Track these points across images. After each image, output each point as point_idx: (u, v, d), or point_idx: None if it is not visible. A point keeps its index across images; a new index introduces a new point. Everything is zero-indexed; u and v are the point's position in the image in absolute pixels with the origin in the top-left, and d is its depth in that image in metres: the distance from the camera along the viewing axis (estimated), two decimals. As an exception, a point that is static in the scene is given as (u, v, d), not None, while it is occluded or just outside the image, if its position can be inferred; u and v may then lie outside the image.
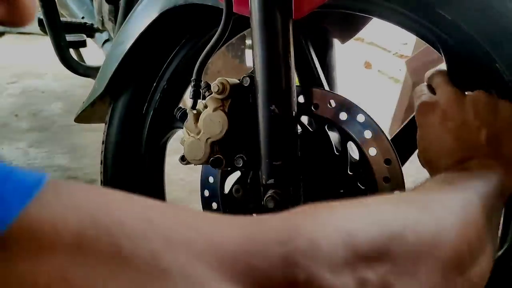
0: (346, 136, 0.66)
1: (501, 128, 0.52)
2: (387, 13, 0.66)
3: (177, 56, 0.82)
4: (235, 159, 0.68)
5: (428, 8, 0.61)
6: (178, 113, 0.71)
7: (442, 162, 0.53)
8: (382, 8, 0.65)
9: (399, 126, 1.96)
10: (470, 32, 0.59)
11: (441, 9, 0.60)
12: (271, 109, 0.64)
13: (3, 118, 2.07)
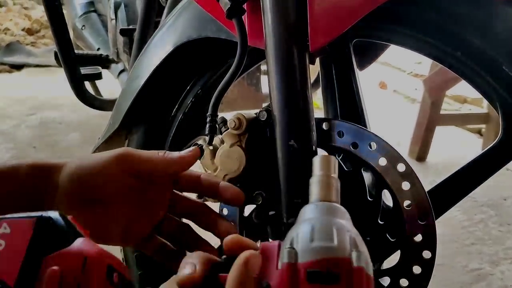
0: (383, 183, 0.62)
1: None
2: (454, 63, 0.64)
3: (192, 90, 0.81)
4: (254, 196, 0.66)
5: (494, 64, 0.59)
6: (194, 150, 0.69)
7: None
8: (449, 57, 0.63)
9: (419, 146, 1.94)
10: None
11: (508, 68, 0.58)
12: (290, 144, 0.61)
13: (22, 150, 2.09)
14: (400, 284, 0.62)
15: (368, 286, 0.31)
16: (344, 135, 0.64)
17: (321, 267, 0.31)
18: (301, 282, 0.31)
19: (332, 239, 0.32)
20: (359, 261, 0.31)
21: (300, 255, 0.32)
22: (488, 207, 1.67)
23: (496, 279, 1.30)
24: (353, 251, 0.32)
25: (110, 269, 0.37)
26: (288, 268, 0.31)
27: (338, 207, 0.37)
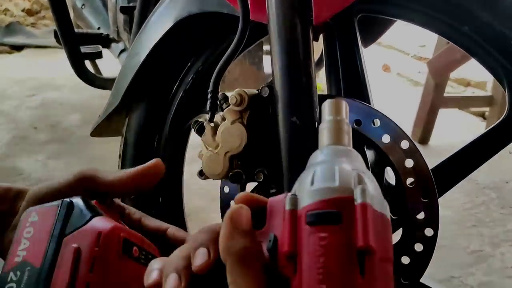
0: (386, 160, 0.61)
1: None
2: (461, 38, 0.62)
3: (193, 66, 0.80)
4: (256, 173, 0.65)
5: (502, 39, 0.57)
6: (195, 126, 0.69)
7: None
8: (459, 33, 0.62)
9: (422, 129, 1.93)
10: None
11: None
12: (292, 121, 0.60)
13: (22, 131, 2.09)
14: (402, 262, 0.62)
15: (378, 223, 0.28)
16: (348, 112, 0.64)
17: (321, 208, 0.29)
18: (302, 226, 0.29)
19: (333, 180, 0.30)
20: (364, 197, 0.28)
21: (301, 201, 0.30)
22: (490, 190, 1.67)
23: (496, 261, 1.30)
24: (356, 188, 0.29)
25: (127, 242, 0.38)
26: (289, 215, 0.30)
27: (348, 149, 0.33)
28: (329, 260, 0.27)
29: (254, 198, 0.34)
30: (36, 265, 0.35)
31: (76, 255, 0.35)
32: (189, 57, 0.80)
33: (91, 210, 0.38)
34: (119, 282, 0.37)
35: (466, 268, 1.28)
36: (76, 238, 0.36)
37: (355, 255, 0.27)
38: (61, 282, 0.34)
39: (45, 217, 0.38)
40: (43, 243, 0.36)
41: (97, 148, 1.91)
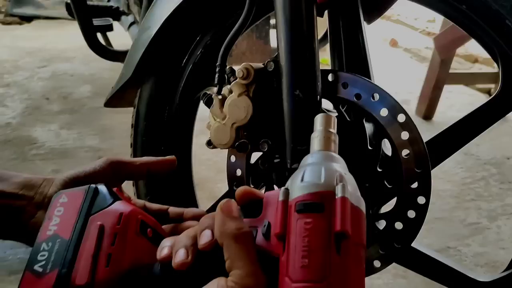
0: (383, 133, 0.65)
1: None
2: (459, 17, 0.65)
3: (202, 40, 0.83)
4: (261, 143, 0.69)
5: (497, 18, 0.60)
6: (204, 98, 0.72)
7: None
8: (457, 12, 0.64)
9: (426, 105, 1.94)
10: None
11: (511, 23, 0.59)
12: (295, 94, 0.64)
13: (35, 101, 2.14)
14: (395, 227, 0.66)
15: (354, 215, 0.35)
16: (348, 86, 0.67)
17: (308, 199, 0.35)
18: (292, 213, 0.36)
19: (320, 178, 0.37)
20: (343, 192, 0.35)
21: (292, 193, 0.37)
22: (491, 166, 1.70)
23: (492, 233, 1.35)
24: (338, 185, 0.36)
25: (143, 224, 0.45)
26: (282, 204, 0.37)
27: (334, 155, 0.41)
28: (312, 240, 0.34)
29: (253, 191, 0.42)
30: (66, 238, 0.41)
31: (100, 231, 0.41)
32: (198, 31, 0.83)
33: (113, 195, 0.45)
34: (135, 255, 0.42)
35: (462, 239, 1.32)
36: (100, 217, 0.43)
37: (333, 238, 0.34)
38: (87, 252, 0.40)
39: (74, 199, 0.44)
40: (71, 220, 0.42)
41: (107, 119, 1.96)
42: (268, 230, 0.38)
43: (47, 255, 0.41)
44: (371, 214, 0.69)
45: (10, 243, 1.27)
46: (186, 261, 0.39)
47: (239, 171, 0.77)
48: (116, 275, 0.40)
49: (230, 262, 0.37)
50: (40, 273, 0.40)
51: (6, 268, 1.20)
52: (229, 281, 0.36)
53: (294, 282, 0.33)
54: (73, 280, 0.39)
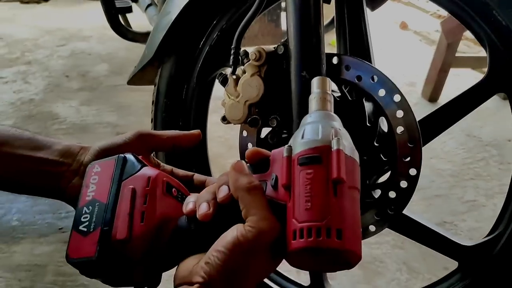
0: (380, 111, 0.72)
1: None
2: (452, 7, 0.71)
3: (218, 24, 0.90)
4: (270, 119, 0.76)
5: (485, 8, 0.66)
6: (220, 78, 0.80)
7: None
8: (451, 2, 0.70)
9: (432, 87, 1.99)
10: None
11: (497, 13, 0.65)
12: (302, 75, 0.71)
13: (56, 79, 2.22)
14: (389, 196, 0.74)
15: (349, 164, 0.41)
16: (350, 69, 0.74)
17: (308, 153, 0.41)
18: (295, 166, 0.42)
19: (317, 134, 0.43)
20: (338, 145, 0.41)
21: (294, 149, 0.43)
22: (492, 147, 1.75)
23: (488, 210, 1.42)
24: (333, 139, 0.42)
25: (169, 185, 0.50)
26: (286, 159, 0.43)
27: (330, 113, 0.46)
28: (313, 187, 0.40)
29: (260, 151, 0.48)
30: (103, 201, 0.47)
31: (133, 193, 0.47)
32: (215, 15, 0.90)
33: (140, 162, 0.51)
34: (164, 212, 0.48)
35: (458, 215, 1.40)
36: (132, 181, 0.48)
37: (331, 184, 0.40)
38: (123, 211, 0.46)
39: (106, 168, 0.50)
40: (106, 186, 0.48)
41: (124, 97, 2.05)
42: (276, 182, 0.44)
43: (89, 217, 0.46)
44: (368, 184, 0.77)
45: (39, 209, 1.37)
46: (208, 212, 0.45)
47: (250, 144, 0.85)
48: (150, 229, 0.46)
49: (246, 210, 0.43)
50: (85, 232, 0.46)
51: (36, 231, 1.30)
52: (246, 226, 0.42)
53: (300, 223, 0.40)
54: (113, 236, 0.45)
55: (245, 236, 0.41)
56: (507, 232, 0.73)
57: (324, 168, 0.41)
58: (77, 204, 0.48)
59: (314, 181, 0.40)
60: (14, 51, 2.52)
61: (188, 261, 0.45)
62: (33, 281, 1.14)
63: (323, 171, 0.40)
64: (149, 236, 0.46)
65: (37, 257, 1.21)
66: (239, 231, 0.42)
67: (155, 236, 0.46)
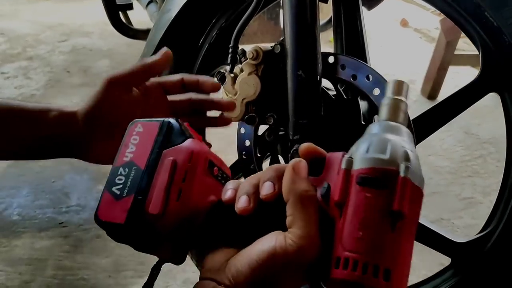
0: (375, 109, 0.73)
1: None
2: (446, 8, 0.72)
3: (217, 23, 0.91)
4: (267, 117, 0.77)
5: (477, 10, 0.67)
6: (218, 76, 0.81)
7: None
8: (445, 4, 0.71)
9: (431, 85, 2.00)
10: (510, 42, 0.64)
11: (489, 14, 0.66)
12: (298, 74, 0.72)
13: (57, 74, 2.23)
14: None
15: (414, 196, 0.36)
16: (346, 68, 0.75)
17: (371, 174, 0.36)
18: (353, 184, 0.36)
19: (385, 153, 0.36)
20: (406, 172, 0.35)
21: (356, 163, 0.37)
22: (490, 144, 1.76)
23: (485, 207, 1.43)
24: (402, 163, 0.36)
25: (211, 163, 0.47)
26: (344, 173, 0.37)
27: (401, 127, 0.40)
28: (369, 215, 0.35)
29: (316, 149, 0.43)
30: (141, 167, 0.44)
31: (173, 166, 0.43)
32: (214, 14, 0.91)
33: (186, 132, 0.47)
34: (202, 192, 0.45)
35: (455, 212, 1.41)
36: (174, 152, 0.44)
37: (389, 215, 0.35)
38: (160, 184, 0.42)
39: (149, 130, 0.46)
40: (146, 150, 0.45)
41: (125, 93, 2.05)
42: (327, 192, 0.39)
43: (124, 179, 0.43)
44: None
45: (39, 203, 1.39)
46: (248, 207, 0.41)
47: (248, 141, 0.86)
48: (184, 209, 0.43)
49: (292, 219, 0.38)
50: (117, 195, 0.43)
51: (36, 225, 1.31)
52: (288, 238, 0.37)
53: (346, 251, 0.35)
54: (146, 207, 0.42)
55: (284, 249, 0.37)
56: (499, 229, 0.74)
57: (386, 195, 0.35)
58: (114, 162, 0.45)
59: (371, 207, 0.35)
60: (16, 47, 2.53)
61: (218, 253, 0.42)
62: (33, 275, 1.15)
63: (384, 198, 0.35)
64: (183, 215, 0.43)
65: (38, 251, 1.23)
66: (279, 242, 0.37)
67: (188, 216, 0.43)
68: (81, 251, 1.23)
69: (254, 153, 0.85)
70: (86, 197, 1.41)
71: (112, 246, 1.23)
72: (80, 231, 1.30)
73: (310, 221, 0.38)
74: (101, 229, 0.44)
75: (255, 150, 0.86)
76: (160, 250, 0.44)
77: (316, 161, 0.42)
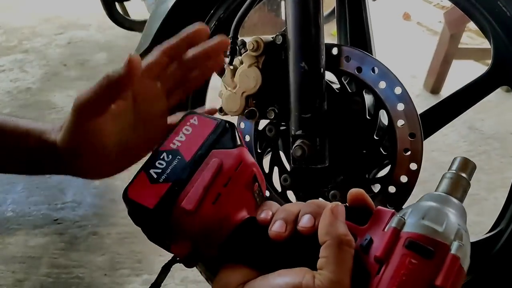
0: (381, 104, 0.70)
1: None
2: None
3: (215, 13, 0.88)
4: (268, 111, 0.75)
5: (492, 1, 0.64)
6: (217, 69, 0.78)
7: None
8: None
9: (434, 79, 1.97)
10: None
11: (502, 4, 0.63)
12: (301, 66, 0.70)
13: (54, 68, 2.20)
14: (388, 190, 0.72)
15: (458, 277, 0.35)
16: (350, 60, 0.72)
17: (422, 241, 0.35)
18: (399, 245, 0.35)
19: (441, 225, 0.36)
20: (458, 251, 0.35)
21: (407, 226, 0.36)
22: (494, 140, 1.73)
23: (489, 204, 1.40)
24: (455, 241, 0.35)
25: (255, 178, 0.45)
26: (393, 232, 0.36)
27: (459, 204, 0.40)
28: (409, 281, 0.34)
29: (366, 198, 0.41)
30: (186, 158, 0.43)
31: (218, 167, 0.42)
32: (212, 4, 0.88)
33: (238, 139, 0.45)
34: (238, 203, 0.43)
35: (459, 209, 1.38)
36: (222, 155, 0.43)
37: (429, 287, 0.34)
38: (201, 181, 0.41)
39: (204, 125, 0.45)
40: (196, 144, 0.44)
41: (123, 87, 2.02)
42: (368, 245, 0.38)
43: (164, 165, 0.42)
44: (368, 178, 0.76)
45: (34, 200, 1.37)
46: (283, 234, 0.39)
47: (248, 137, 0.83)
48: (217, 214, 0.41)
49: (325, 262, 0.36)
50: (154, 179, 0.42)
51: (30, 222, 1.29)
52: (317, 280, 0.35)
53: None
54: (180, 200, 0.40)
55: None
56: (509, 229, 0.72)
57: (432, 267, 0.34)
58: (159, 145, 0.44)
59: (414, 275, 0.34)
60: (11, 39, 2.49)
61: (236, 272, 0.40)
62: (27, 273, 1.13)
63: (429, 269, 0.34)
64: (213, 220, 0.41)
65: (32, 248, 1.20)
66: (306, 280, 0.35)
67: (218, 222, 0.41)
68: (77, 248, 1.20)
69: (254, 149, 0.83)
70: (82, 193, 1.38)
71: (109, 244, 1.20)
72: (75, 228, 1.27)
73: (344, 267, 0.36)
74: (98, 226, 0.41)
75: (255, 146, 0.83)
76: (175, 247, 0.42)
77: (363, 210, 0.40)
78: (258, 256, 0.40)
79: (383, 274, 0.35)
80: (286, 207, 0.42)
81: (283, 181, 0.80)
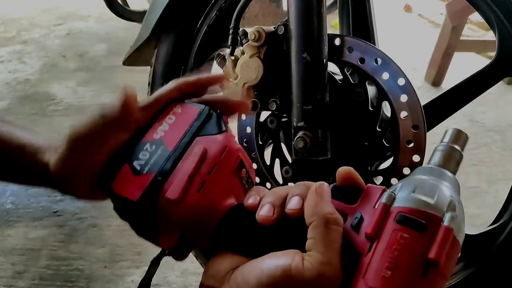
0: (384, 95, 0.69)
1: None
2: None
3: (216, 3, 0.87)
4: (269, 103, 0.74)
5: None
6: (218, 59, 0.77)
7: None
8: None
9: (436, 71, 1.95)
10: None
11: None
12: (303, 57, 0.69)
13: (52, 59, 2.19)
14: (391, 183, 0.72)
15: (452, 249, 0.33)
16: (353, 51, 0.71)
17: (413, 214, 0.34)
18: (389, 221, 0.34)
19: (432, 197, 0.35)
20: (451, 223, 0.33)
21: (398, 200, 0.35)
22: (495, 133, 1.72)
23: (490, 197, 1.40)
24: (448, 212, 0.34)
25: (241, 164, 0.43)
26: (383, 208, 0.35)
27: (452, 176, 0.39)
28: (402, 256, 0.33)
29: (356, 176, 0.40)
30: (169, 148, 0.41)
31: (203, 155, 0.41)
32: (214, -6, 0.87)
33: (223, 125, 0.44)
34: (225, 190, 0.42)
35: (460, 202, 1.38)
36: (206, 141, 0.42)
37: (423, 261, 0.32)
38: (185, 170, 0.40)
39: (187, 113, 0.44)
40: (180, 133, 0.42)
41: (122, 77, 2.01)
42: (359, 223, 0.37)
43: (148, 156, 0.41)
44: (370, 170, 0.75)
45: (34, 192, 1.36)
46: (271, 217, 0.39)
47: (249, 128, 0.83)
48: (203, 203, 0.40)
49: (313, 242, 0.36)
50: (137, 171, 0.41)
51: (30, 214, 1.28)
52: (306, 261, 0.34)
53: (369, 287, 0.33)
54: (164, 191, 0.39)
55: (299, 271, 0.34)
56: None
57: (424, 240, 0.33)
58: (142, 135, 0.43)
59: (406, 249, 0.33)
60: (10, 30, 2.48)
61: (225, 259, 0.39)
62: (26, 265, 1.13)
63: (422, 242, 0.33)
64: (199, 209, 0.40)
65: (31, 241, 1.20)
66: (295, 262, 0.34)
67: (205, 211, 0.40)
68: (76, 240, 1.20)
69: (255, 141, 0.82)
70: (82, 185, 1.37)
71: (108, 236, 1.20)
72: (75, 220, 1.26)
73: (333, 247, 0.35)
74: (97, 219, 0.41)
75: (256, 138, 0.82)
76: (163, 240, 0.41)
77: (353, 190, 0.39)
78: (247, 242, 0.39)
79: (374, 251, 0.34)
80: (274, 190, 0.41)
81: (285, 173, 0.79)
